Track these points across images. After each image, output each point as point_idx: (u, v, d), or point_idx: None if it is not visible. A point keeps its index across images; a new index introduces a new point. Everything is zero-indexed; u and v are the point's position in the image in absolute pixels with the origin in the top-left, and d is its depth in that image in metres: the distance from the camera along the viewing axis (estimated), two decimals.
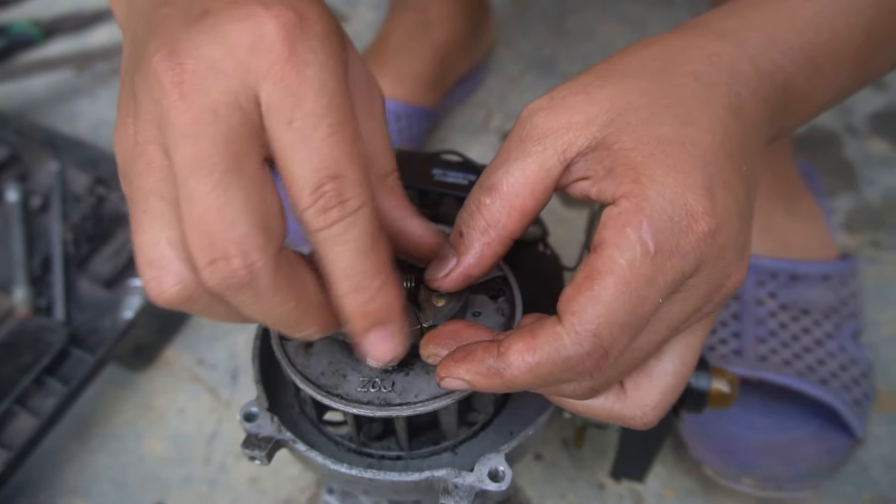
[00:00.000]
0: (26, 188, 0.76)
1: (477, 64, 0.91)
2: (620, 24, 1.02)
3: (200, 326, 0.70)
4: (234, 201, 0.26)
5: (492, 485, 0.34)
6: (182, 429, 0.64)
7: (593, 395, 0.32)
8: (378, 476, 0.35)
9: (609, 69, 0.32)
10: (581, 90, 0.31)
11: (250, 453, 0.36)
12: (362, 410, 0.34)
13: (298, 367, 0.36)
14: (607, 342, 0.28)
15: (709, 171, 0.29)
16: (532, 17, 1.04)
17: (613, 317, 0.28)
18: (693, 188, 0.28)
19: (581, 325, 0.28)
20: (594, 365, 0.28)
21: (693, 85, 0.31)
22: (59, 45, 0.99)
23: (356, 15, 1.07)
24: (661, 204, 0.28)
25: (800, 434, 0.55)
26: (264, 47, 0.26)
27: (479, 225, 0.32)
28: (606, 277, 0.28)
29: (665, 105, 0.30)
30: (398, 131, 0.77)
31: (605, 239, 0.28)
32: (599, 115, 0.30)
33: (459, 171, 0.45)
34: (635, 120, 0.30)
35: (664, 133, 0.29)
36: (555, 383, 0.30)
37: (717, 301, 0.31)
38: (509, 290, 0.38)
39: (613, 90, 0.31)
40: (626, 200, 0.28)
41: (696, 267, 0.29)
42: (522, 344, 0.29)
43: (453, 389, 0.33)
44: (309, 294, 0.29)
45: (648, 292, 0.28)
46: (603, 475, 0.59)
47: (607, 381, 0.32)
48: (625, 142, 0.29)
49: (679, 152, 0.29)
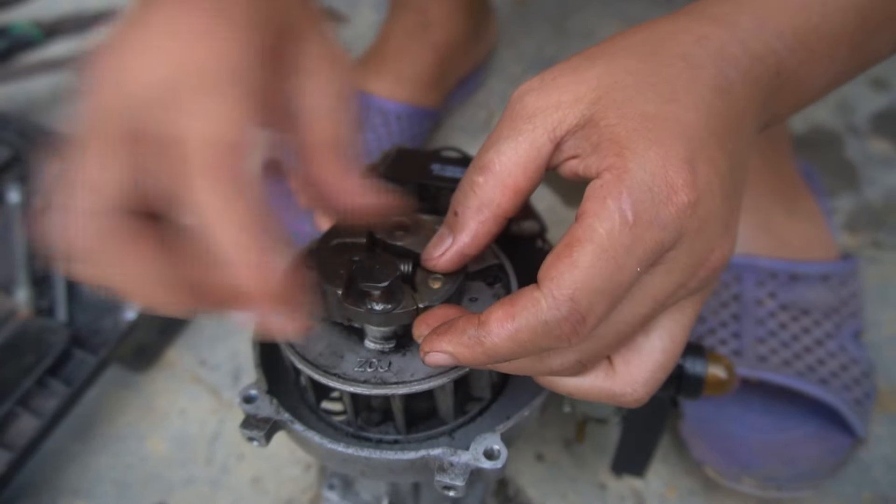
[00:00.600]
0: (28, 189, 0.76)
1: (478, 64, 0.91)
2: (621, 24, 1.02)
3: (202, 327, 0.71)
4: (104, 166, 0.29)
5: (487, 463, 0.35)
6: (184, 429, 0.64)
7: (581, 371, 0.33)
8: (374, 455, 0.36)
9: (599, 51, 0.33)
10: (571, 71, 0.32)
11: (249, 434, 0.37)
12: (359, 389, 0.34)
13: (297, 348, 0.36)
14: (584, 307, 0.28)
15: (690, 145, 0.30)
16: (533, 16, 1.04)
17: (590, 283, 0.28)
18: (674, 161, 0.29)
19: (558, 290, 0.28)
20: (571, 329, 0.29)
21: (680, 65, 0.31)
22: (60, 46, 0.99)
23: (357, 16, 1.07)
24: (642, 176, 0.29)
25: (801, 434, 0.55)
26: None
27: (473, 204, 0.33)
28: (585, 245, 0.28)
29: (651, 83, 0.31)
30: (399, 131, 0.77)
31: (586, 210, 0.29)
32: (587, 93, 0.31)
33: (458, 166, 0.46)
34: (621, 97, 0.30)
35: (648, 110, 0.30)
36: (535, 351, 0.30)
37: (703, 276, 0.32)
38: (505, 276, 0.39)
39: (602, 69, 0.32)
40: (608, 173, 0.29)
41: (676, 238, 0.29)
42: (502, 312, 0.30)
43: (439, 365, 0.33)
44: (153, 265, 0.30)
45: (626, 261, 0.28)
46: (604, 475, 0.59)
47: (593, 353, 0.32)
48: (610, 118, 0.30)
49: (661, 128, 0.30)
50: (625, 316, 0.31)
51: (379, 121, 0.76)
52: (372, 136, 0.76)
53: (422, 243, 0.36)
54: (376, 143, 0.75)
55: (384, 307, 0.34)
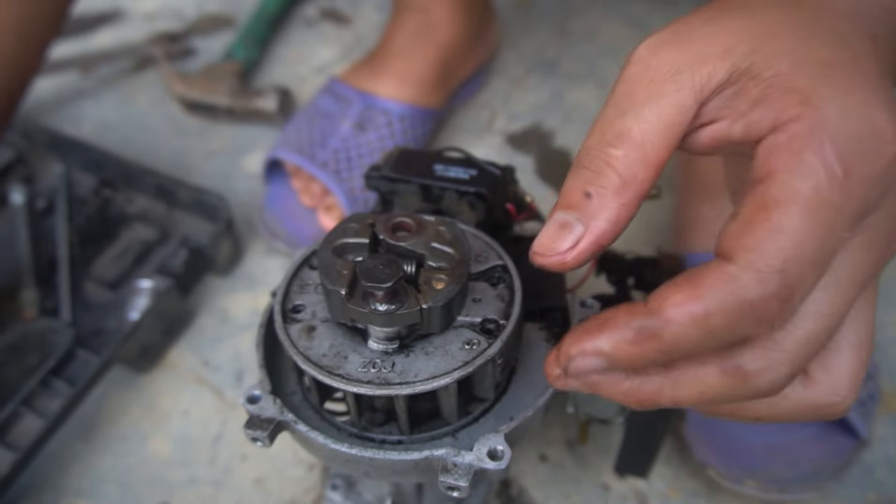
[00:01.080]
0: (32, 190, 0.76)
1: (481, 64, 0.91)
2: (624, 25, 1.02)
3: (205, 328, 0.71)
4: None
5: (491, 463, 0.35)
6: (187, 430, 0.64)
7: (790, 381, 0.27)
8: (378, 455, 0.36)
9: (727, 4, 0.29)
10: (704, 23, 0.28)
11: (252, 434, 0.37)
12: (362, 389, 0.34)
13: (301, 349, 0.36)
14: (794, 281, 0.24)
15: (882, 94, 0.26)
16: (535, 18, 1.04)
17: (801, 250, 0.24)
18: (877, 108, 0.25)
19: (763, 262, 0.24)
20: (778, 309, 0.24)
21: (832, 15, 0.28)
22: (64, 48, 0.99)
23: (360, 16, 1.07)
24: (845, 124, 0.25)
25: (804, 435, 0.55)
26: None
27: (612, 182, 0.27)
28: (789, 206, 0.24)
29: (812, 32, 0.27)
30: (402, 132, 0.77)
31: (775, 167, 0.25)
32: (737, 44, 0.27)
33: (461, 166, 0.46)
34: (788, 45, 0.27)
35: (823, 56, 0.26)
36: (726, 340, 0.25)
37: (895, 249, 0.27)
38: (509, 276, 0.39)
39: (746, 21, 0.28)
40: (795, 124, 0.25)
41: (880, 198, 0.25)
42: (681, 295, 0.25)
43: (586, 373, 0.27)
44: None
45: (836, 223, 0.24)
46: (608, 476, 0.59)
47: (806, 357, 0.27)
48: (780, 66, 0.26)
49: (848, 74, 0.26)
50: (829, 304, 0.26)
51: (383, 121, 0.77)
52: (375, 136, 0.76)
53: (425, 244, 0.36)
54: (379, 144, 0.75)
55: (388, 308, 0.34)
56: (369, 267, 0.33)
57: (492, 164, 0.45)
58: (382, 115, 0.77)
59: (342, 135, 0.75)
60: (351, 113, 0.77)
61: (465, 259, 0.36)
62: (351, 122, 0.76)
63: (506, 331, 0.36)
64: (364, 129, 0.76)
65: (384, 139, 0.76)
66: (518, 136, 0.88)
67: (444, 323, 0.36)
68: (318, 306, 0.38)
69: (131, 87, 0.97)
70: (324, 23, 1.07)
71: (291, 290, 0.40)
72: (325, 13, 1.09)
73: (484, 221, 0.45)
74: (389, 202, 0.47)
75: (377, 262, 0.33)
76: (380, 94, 0.78)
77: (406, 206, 0.46)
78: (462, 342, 0.36)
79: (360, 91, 0.78)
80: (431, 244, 0.36)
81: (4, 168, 0.77)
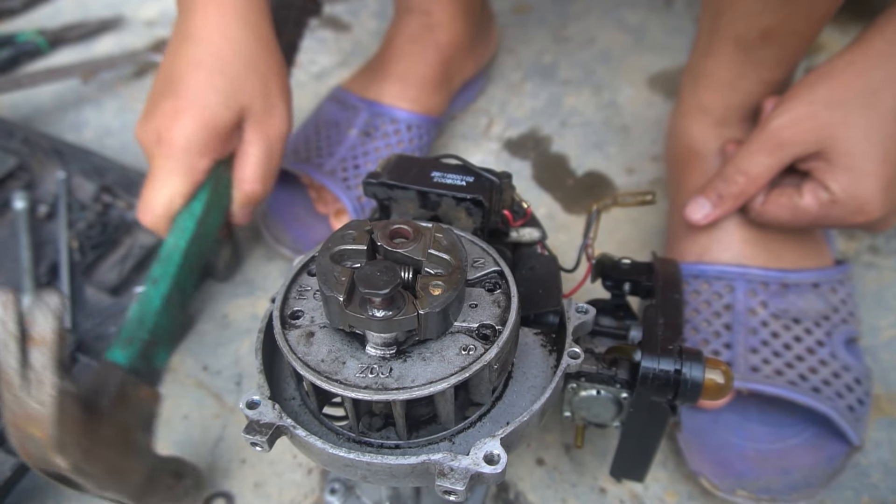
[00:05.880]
0: (33, 196, 0.77)
1: (481, 68, 0.92)
2: (620, 31, 1.03)
3: (205, 333, 0.71)
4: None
5: (487, 468, 0.35)
6: (187, 434, 0.64)
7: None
8: (376, 459, 0.36)
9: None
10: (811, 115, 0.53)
11: (252, 439, 0.37)
12: (360, 394, 0.35)
13: (300, 354, 0.37)
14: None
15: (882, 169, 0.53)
16: (533, 24, 1.05)
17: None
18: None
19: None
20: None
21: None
22: (65, 55, 1.00)
23: (358, 23, 1.08)
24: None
25: (796, 442, 0.55)
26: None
27: (733, 192, 0.57)
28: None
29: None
30: (409, 140, 0.78)
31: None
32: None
33: (458, 173, 0.46)
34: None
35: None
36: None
37: None
38: (505, 282, 0.40)
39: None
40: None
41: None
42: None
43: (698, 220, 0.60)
44: None
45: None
46: (604, 480, 0.59)
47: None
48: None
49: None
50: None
51: (391, 129, 0.77)
52: (382, 143, 0.76)
53: (422, 250, 0.36)
54: (386, 151, 0.76)
55: (385, 314, 0.34)
56: (367, 273, 0.34)
57: (488, 171, 0.46)
58: (390, 123, 0.78)
59: (349, 143, 0.76)
60: (357, 121, 0.78)
61: (462, 265, 0.36)
62: (357, 130, 0.77)
63: (502, 336, 0.36)
64: (371, 137, 0.77)
65: (392, 146, 0.77)
66: (515, 141, 0.89)
67: (441, 329, 0.36)
68: (317, 312, 0.39)
69: (132, 93, 0.98)
70: (323, 29, 1.08)
71: (290, 296, 0.40)
72: (325, 20, 1.10)
73: (481, 228, 0.46)
74: (387, 209, 0.47)
75: (375, 269, 0.34)
76: (384, 101, 0.78)
77: (404, 212, 0.47)
78: (459, 348, 0.36)
79: (366, 99, 0.79)
80: (429, 250, 0.36)
81: (6, 174, 0.78)
